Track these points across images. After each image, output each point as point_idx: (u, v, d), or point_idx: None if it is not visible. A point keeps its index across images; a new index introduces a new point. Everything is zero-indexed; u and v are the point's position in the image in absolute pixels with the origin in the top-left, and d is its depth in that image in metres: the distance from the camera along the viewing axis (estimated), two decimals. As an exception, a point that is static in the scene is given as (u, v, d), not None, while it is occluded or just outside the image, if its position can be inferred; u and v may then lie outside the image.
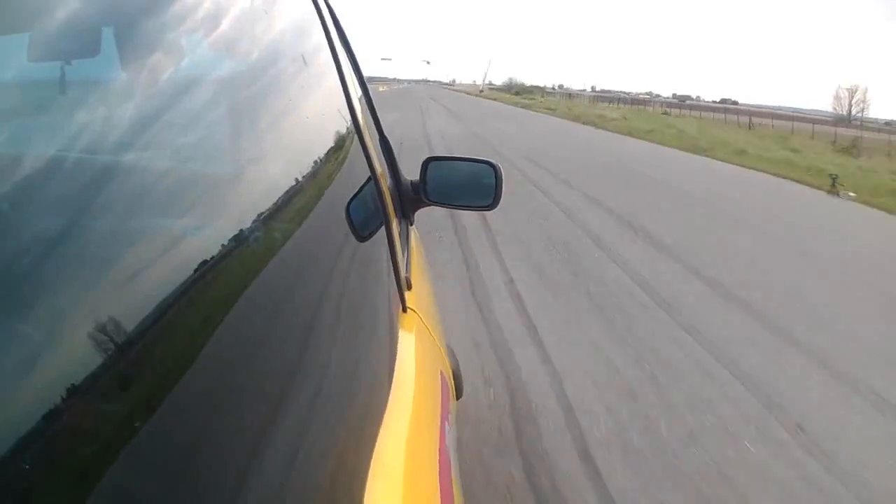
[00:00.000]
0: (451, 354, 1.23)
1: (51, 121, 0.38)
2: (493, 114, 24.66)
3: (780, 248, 5.19)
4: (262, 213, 0.49)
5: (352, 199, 0.73)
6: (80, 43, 0.46)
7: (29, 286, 0.27)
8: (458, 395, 1.19)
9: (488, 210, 1.25)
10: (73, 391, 0.26)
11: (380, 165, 0.95)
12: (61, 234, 0.30)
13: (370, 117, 1.12)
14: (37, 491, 0.23)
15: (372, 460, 0.51)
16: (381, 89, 45.13)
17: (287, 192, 0.56)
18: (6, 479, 0.22)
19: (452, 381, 1.05)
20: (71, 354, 0.27)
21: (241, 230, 0.45)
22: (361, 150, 0.84)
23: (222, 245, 0.42)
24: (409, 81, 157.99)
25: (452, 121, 18.75)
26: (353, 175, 0.78)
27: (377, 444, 0.53)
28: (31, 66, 0.44)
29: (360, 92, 1.03)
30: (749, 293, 3.74)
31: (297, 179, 0.60)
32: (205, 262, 0.39)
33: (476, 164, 1.28)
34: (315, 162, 0.68)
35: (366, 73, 1.16)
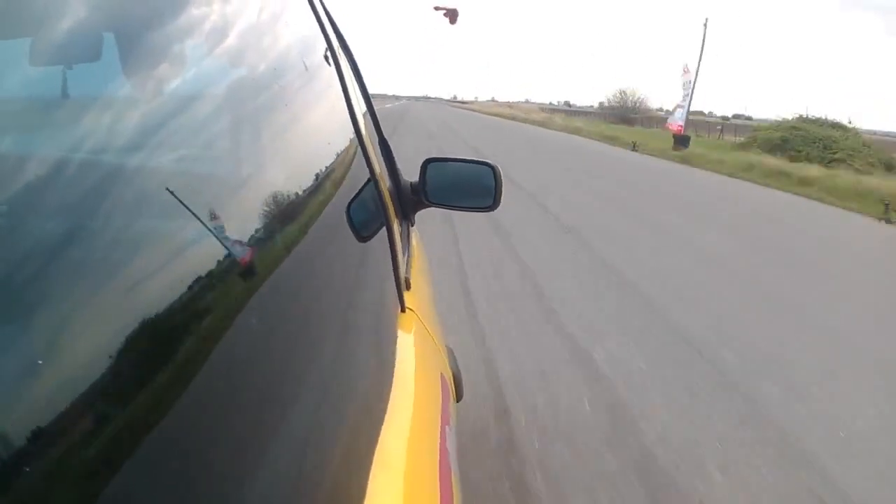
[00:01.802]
0: (451, 356, 1.22)
1: (53, 125, 0.38)
2: None
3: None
4: (263, 215, 0.49)
5: (352, 201, 0.73)
6: (82, 48, 0.45)
7: (31, 290, 0.27)
8: (459, 397, 1.18)
9: (488, 211, 1.27)
10: (78, 393, 0.26)
11: (379, 167, 0.95)
12: (63, 238, 0.31)
13: (370, 119, 1.13)
14: (40, 493, 0.23)
15: (372, 463, 0.51)
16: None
17: (288, 193, 0.56)
18: (10, 482, 0.22)
19: (453, 384, 1.04)
20: (75, 357, 0.27)
21: (242, 232, 0.45)
22: (361, 152, 0.84)
23: (224, 247, 0.42)
24: (409, 98, 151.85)
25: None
26: (354, 177, 0.79)
27: (377, 447, 0.53)
28: (32, 70, 0.44)
29: (360, 95, 1.04)
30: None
31: (298, 181, 0.60)
32: (207, 263, 0.39)
33: (475, 165, 1.29)
34: (316, 164, 0.68)
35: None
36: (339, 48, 0.95)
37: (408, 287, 0.94)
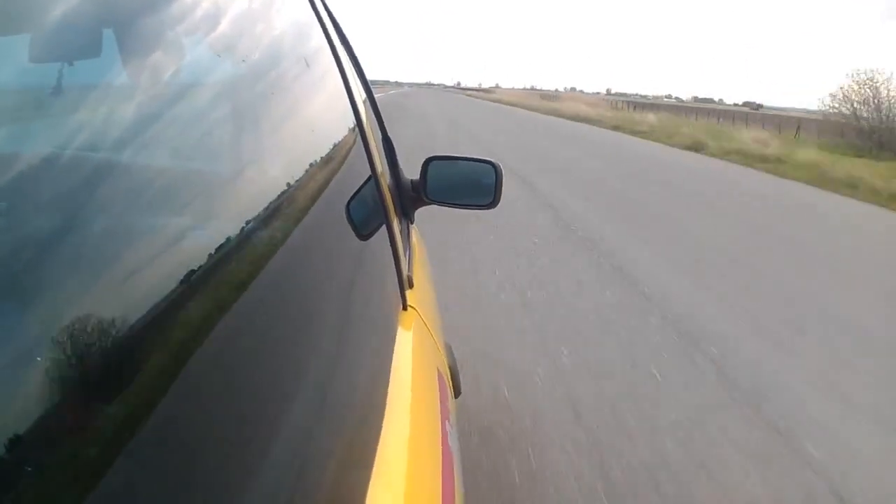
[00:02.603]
0: (449, 352, 1.23)
1: (52, 122, 0.38)
2: None
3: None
4: (264, 212, 0.49)
5: (352, 198, 0.73)
6: (81, 44, 0.45)
7: (28, 287, 0.27)
8: (457, 393, 1.19)
9: (488, 209, 1.26)
10: (72, 390, 0.26)
11: (381, 164, 0.95)
12: (63, 234, 0.31)
13: (373, 116, 1.13)
14: (37, 491, 0.23)
15: (375, 460, 0.51)
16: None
17: (289, 190, 0.56)
18: (6, 479, 0.22)
19: (450, 380, 1.05)
20: (70, 352, 0.27)
21: (242, 229, 0.45)
22: (363, 149, 0.84)
23: (224, 244, 0.42)
24: (410, 84, 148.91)
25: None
26: (355, 174, 0.78)
27: (380, 444, 0.53)
28: (32, 66, 0.44)
29: (362, 91, 1.04)
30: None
31: (299, 178, 0.60)
32: (207, 260, 0.39)
33: (477, 163, 1.29)
34: (317, 160, 0.68)
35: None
36: (337, 39, 0.94)
37: (410, 285, 0.94)
